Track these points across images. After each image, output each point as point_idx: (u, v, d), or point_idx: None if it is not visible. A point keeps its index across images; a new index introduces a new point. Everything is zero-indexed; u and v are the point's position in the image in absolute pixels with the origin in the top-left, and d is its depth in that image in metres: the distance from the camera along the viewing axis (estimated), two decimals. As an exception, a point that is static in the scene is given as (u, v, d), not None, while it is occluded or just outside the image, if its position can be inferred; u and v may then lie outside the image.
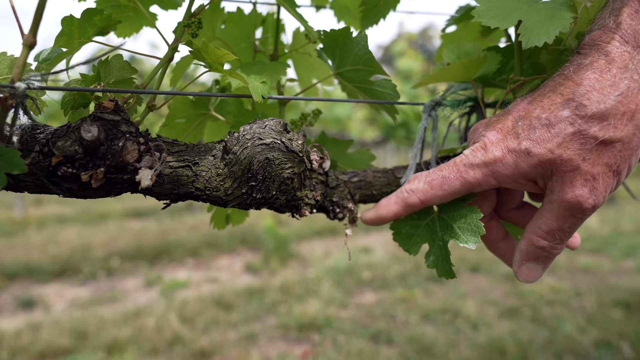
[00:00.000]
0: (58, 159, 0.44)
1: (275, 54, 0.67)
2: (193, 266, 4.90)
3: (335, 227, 6.42)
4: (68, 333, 3.07)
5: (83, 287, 4.26)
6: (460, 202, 0.53)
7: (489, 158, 0.47)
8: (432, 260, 0.55)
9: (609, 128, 0.42)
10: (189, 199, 0.51)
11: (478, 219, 0.51)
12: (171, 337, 3.02)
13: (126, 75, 0.51)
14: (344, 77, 0.62)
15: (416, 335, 2.95)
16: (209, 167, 0.50)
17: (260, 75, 0.58)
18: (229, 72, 0.50)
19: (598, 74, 0.43)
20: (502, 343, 2.77)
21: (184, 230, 6.33)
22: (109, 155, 0.44)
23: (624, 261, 4.47)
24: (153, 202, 9.61)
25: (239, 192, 0.50)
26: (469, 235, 0.51)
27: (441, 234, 0.54)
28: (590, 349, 2.69)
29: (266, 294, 3.81)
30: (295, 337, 3.08)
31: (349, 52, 0.59)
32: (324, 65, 0.78)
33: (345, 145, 0.67)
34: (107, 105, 0.46)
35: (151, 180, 0.45)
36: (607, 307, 3.28)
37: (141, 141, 0.46)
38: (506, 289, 3.78)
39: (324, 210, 0.57)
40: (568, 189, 0.44)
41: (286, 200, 0.52)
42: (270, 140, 0.48)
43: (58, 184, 0.46)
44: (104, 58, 0.50)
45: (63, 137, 0.44)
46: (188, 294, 3.89)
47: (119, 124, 0.45)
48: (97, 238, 5.95)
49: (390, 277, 4.23)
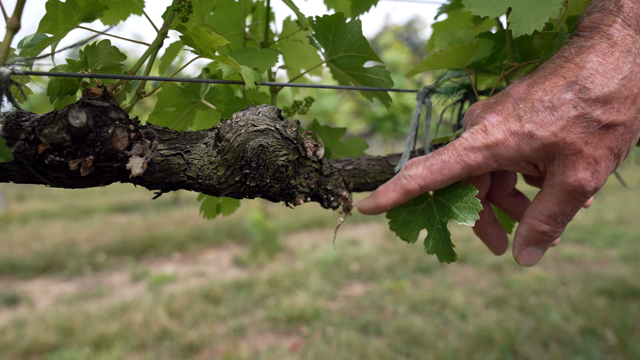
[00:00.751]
0: (45, 147, 0.43)
1: (265, 42, 0.66)
2: (180, 260, 4.87)
3: (323, 219, 6.42)
4: (54, 329, 3.03)
5: (68, 283, 4.21)
6: (456, 182, 0.53)
7: (491, 140, 0.47)
8: (431, 245, 0.54)
9: (612, 112, 0.42)
10: (180, 187, 0.50)
11: (474, 196, 0.51)
12: (159, 332, 3.00)
13: (114, 61, 0.50)
14: (336, 64, 0.61)
15: (405, 326, 2.97)
16: (201, 155, 0.49)
17: (252, 62, 0.57)
18: (220, 57, 0.49)
19: (601, 57, 0.42)
20: (489, 332, 2.80)
21: (171, 224, 6.29)
22: (98, 142, 0.43)
23: (607, 250, 4.55)
24: (138, 196, 9.53)
25: (232, 180, 0.49)
26: (466, 213, 0.51)
27: (439, 217, 0.54)
28: (575, 336, 2.74)
29: (254, 287, 3.80)
30: (284, 329, 3.09)
31: (342, 39, 0.58)
32: (314, 56, 0.77)
33: (338, 134, 0.66)
34: (95, 92, 0.45)
35: (142, 168, 0.44)
36: (591, 296, 3.34)
37: (131, 128, 0.45)
38: (493, 279, 3.82)
39: (318, 199, 0.57)
40: (570, 173, 0.44)
41: (280, 189, 0.52)
42: (264, 126, 0.47)
43: (45, 173, 0.44)
44: (91, 43, 0.49)
45: (50, 124, 0.43)
46: (175, 289, 3.87)
47: (108, 111, 0.44)
48: (82, 233, 5.88)
49: (378, 268, 4.25)
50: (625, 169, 10.93)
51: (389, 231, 5.63)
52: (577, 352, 2.57)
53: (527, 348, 2.63)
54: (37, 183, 0.47)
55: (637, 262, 4.08)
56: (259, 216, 5.09)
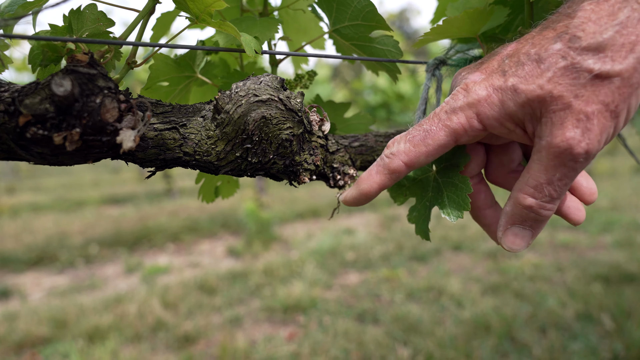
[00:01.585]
0: (26, 119, 0.39)
1: (264, 12, 0.62)
2: (174, 251, 4.83)
3: (317, 209, 6.40)
4: (46, 322, 2.98)
5: (61, 276, 4.16)
6: (455, 168, 0.49)
7: (473, 98, 0.42)
8: (414, 215, 0.53)
9: (606, 60, 0.37)
10: (176, 165, 0.46)
11: (467, 194, 0.47)
12: (154, 323, 2.97)
13: (102, 27, 0.46)
14: (340, 35, 0.58)
15: (402, 314, 2.96)
16: (198, 129, 0.45)
17: (251, 31, 0.53)
18: (218, 23, 0.45)
19: (594, 5, 0.38)
20: (486, 319, 2.79)
21: (164, 215, 6.23)
22: (85, 113, 0.39)
23: (601, 236, 4.56)
24: (131, 188, 9.44)
25: (233, 156, 0.45)
26: (453, 207, 0.48)
27: (431, 195, 0.51)
28: (572, 322, 2.74)
29: (250, 277, 3.77)
30: (280, 319, 3.06)
31: (347, 6, 0.54)
32: (315, 27, 0.73)
33: (343, 109, 0.63)
34: (81, 59, 0.40)
35: (134, 142, 0.40)
36: (587, 281, 3.34)
37: (121, 98, 0.41)
38: (488, 266, 3.82)
39: (324, 177, 0.53)
40: (557, 132, 0.39)
41: (284, 166, 0.48)
42: (267, 96, 0.43)
43: (27, 148, 0.40)
44: (76, 8, 0.45)
45: (32, 94, 0.39)
46: (170, 279, 3.83)
47: (95, 78, 0.40)
48: (74, 226, 5.82)
49: (373, 257, 4.23)
50: (616, 156, 10.97)
51: (384, 220, 5.61)
52: (574, 337, 2.57)
53: (524, 334, 2.63)
54: (19, 160, 0.43)
55: (631, 247, 4.10)
56: (253, 206, 5.05)
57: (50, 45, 0.42)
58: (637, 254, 3.88)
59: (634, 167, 8.73)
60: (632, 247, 4.10)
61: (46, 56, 0.43)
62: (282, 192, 8.11)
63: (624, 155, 10.68)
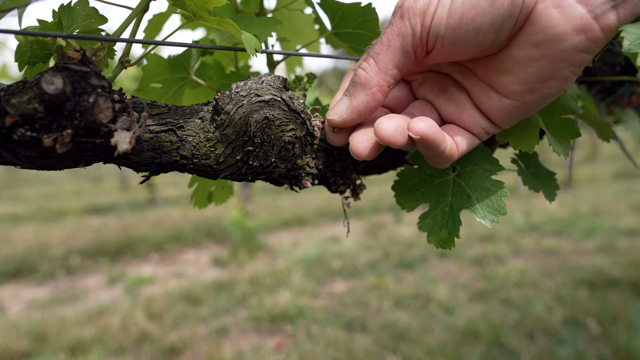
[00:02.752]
0: (13, 119, 0.36)
1: (261, 12, 0.60)
2: (158, 261, 4.75)
3: (302, 217, 6.36)
4: (26, 336, 2.89)
5: (41, 287, 4.05)
6: (484, 173, 0.48)
7: None
8: (428, 223, 0.49)
9: None
10: (173, 169, 0.44)
11: (502, 197, 0.46)
12: (138, 335, 2.90)
13: (93, 25, 0.44)
14: (340, 38, 0.56)
15: (390, 322, 2.94)
16: (196, 131, 0.43)
17: (249, 30, 0.51)
18: (217, 20, 0.43)
19: None
20: (474, 325, 2.79)
21: (147, 225, 6.13)
22: (77, 113, 0.37)
23: (583, 242, 4.61)
24: (113, 197, 9.29)
25: (233, 159, 0.43)
26: (487, 211, 0.46)
27: (451, 200, 0.49)
28: (559, 327, 2.75)
29: (235, 287, 3.72)
30: (267, 328, 3.02)
31: (354, 17, 0.53)
32: (310, 31, 0.71)
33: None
34: (72, 56, 0.38)
35: (130, 144, 0.38)
36: (572, 287, 3.37)
37: (116, 98, 0.39)
38: (474, 273, 3.83)
39: (325, 182, 0.51)
40: None
41: (286, 170, 0.46)
42: (270, 97, 0.41)
43: (14, 150, 0.38)
44: (67, 3, 0.42)
45: (19, 93, 0.36)
46: (154, 290, 3.76)
47: (88, 76, 0.37)
48: (55, 236, 5.69)
49: (360, 265, 4.21)
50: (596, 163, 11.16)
51: (370, 227, 5.61)
52: (561, 342, 2.58)
53: (513, 340, 2.63)
54: (5, 164, 0.40)
55: (613, 252, 4.15)
56: (238, 215, 5.00)
57: (39, 41, 0.39)
58: (619, 258, 3.93)
59: (613, 173, 8.89)
60: (614, 252, 4.15)
61: (34, 53, 0.40)
62: (267, 201, 8.06)
63: (603, 162, 10.87)
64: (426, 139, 0.40)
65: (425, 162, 0.50)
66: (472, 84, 0.45)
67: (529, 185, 0.53)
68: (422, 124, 0.40)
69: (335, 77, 19.77)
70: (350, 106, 0.42)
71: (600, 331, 2.65)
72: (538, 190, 0.54)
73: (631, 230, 4.80)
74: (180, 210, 7.09)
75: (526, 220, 5.46)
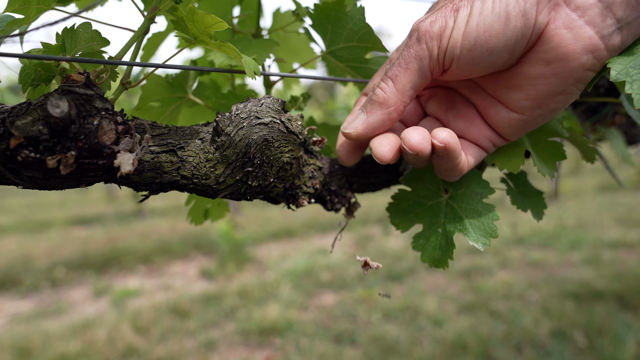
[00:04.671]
0: (18, 141, 0.37)
1: (257, 33, 0.61)
2: (145, 273, 4.70)
3: (291, 229, 6.35)
4: (9, 350, 2.84)
5: (25, 300, 3.98)
6: (476, 196, 0.49)
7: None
8: (421, 243, 0.51)
9: None
10: (173, 189, 0.45)
11: (494, 221, 0.47)
12: (124, 349, 2.86)
13: (96, 47, 0.44)
14: (335, 56, 0.57)
15: (379, 335, 2.94)
16: (196, 151, 0.44)
17: (247, 53, 0.52)
18: (218, 44, 0.44)
19: None
20: (463, 338, 2.80)
21: (134, 236, 6.07)
22: (81, 135, 0.37)
23: (569, 254, 4.67)
24: (99, 208, 9.19)
25: (232, 179, 0.44)
26: (479, 234, 0.48)
27: (444, 221, 0.50)
28: (546, 339, 2.77)
29: (224, 300, 3.69)
30: (256, 342, 3.00)
31: (342, 28, 0.54)
32: (306, 49, 0.73)
33: (336, 131, 0.62)
34: (76, 79, 0.39)
35: (133, 165, 0.39)
36: (558, 299, 3.40)
37: (119, 120, 0.39)
38: (462, 285, 3.85)
39: (321, 201, 0.52)
40: None
41: (284, 189, 0.47)
42: (269, 119, 0.43)
43: (17, 171, 0.38)
44: (70, 26, 0.43)
45: (23, 115, 0.37)
46: (141, 303, 3.72)
47: (92, 99, 0.38)
48: (39, 248, 5.60)
49: (349, 277, 4.21)
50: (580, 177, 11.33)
51: (359, 239, 5.62)
52: (549, 354, 2.60)
53: (501, 352, 2.64)
54: (7, 184, 0.41)
55: (598, 264, 4.20)
56: (227, 227, 4.98)
57: (43, 64, 0.40)
58: (604, 271, 3.98)
59: (597, 186, 9.02)
60: (599, 264, 4.21)
61: (38, 75, 0.41)
62: (256, 212, 8.04)
63: (587, 175, 11.04)
64: (449, 148, 0.42)
65: (418, 184, 0.51)
66: (480, 99, 0.47)
67: (517, 205, 0.55)
68: (445, 133, 0.42)
69: (324, 89, 19.87)
70: (366, 122, 0.45)
71: (587, 343, 2.67)
72: (526, 210, 0.55)
73: (615, 243, 4.87)
74: (167, 221, 7.03)
75: (513, 232, 5.51)
